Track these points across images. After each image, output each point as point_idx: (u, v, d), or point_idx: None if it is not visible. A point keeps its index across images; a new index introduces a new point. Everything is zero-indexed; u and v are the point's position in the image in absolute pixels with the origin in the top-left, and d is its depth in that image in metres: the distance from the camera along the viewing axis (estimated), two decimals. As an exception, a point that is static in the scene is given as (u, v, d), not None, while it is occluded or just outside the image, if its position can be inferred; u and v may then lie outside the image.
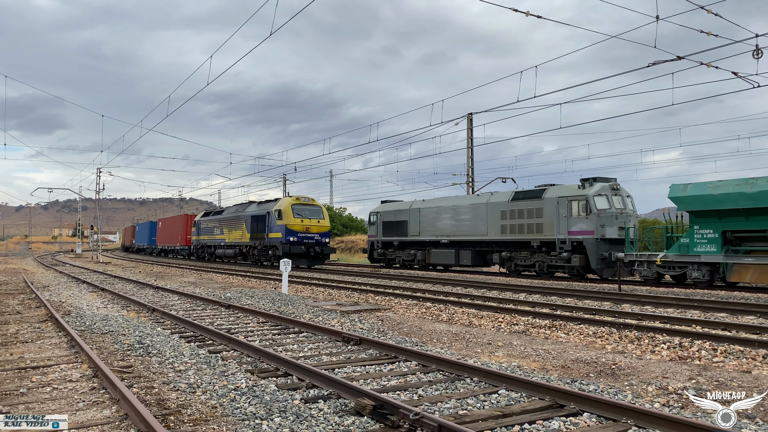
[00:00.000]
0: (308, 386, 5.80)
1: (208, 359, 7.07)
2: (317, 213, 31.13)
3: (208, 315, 11.69)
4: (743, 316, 11.09)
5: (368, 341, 8.02)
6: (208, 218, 40.90)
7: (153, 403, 5.19)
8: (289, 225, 29.37)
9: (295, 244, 29.28)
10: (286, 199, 31.53)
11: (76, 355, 7.43)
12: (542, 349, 8.06)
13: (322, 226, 30.71)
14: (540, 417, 4.79)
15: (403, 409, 4.57)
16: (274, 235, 30.43)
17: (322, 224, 30.75)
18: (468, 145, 27.02)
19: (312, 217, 30.58)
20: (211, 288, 18.45)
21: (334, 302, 14.01)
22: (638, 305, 12.94)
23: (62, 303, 13.82)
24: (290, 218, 29.63)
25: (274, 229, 30.35)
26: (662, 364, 7.04)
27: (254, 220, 32.79)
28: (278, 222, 29.99)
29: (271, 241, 30.73)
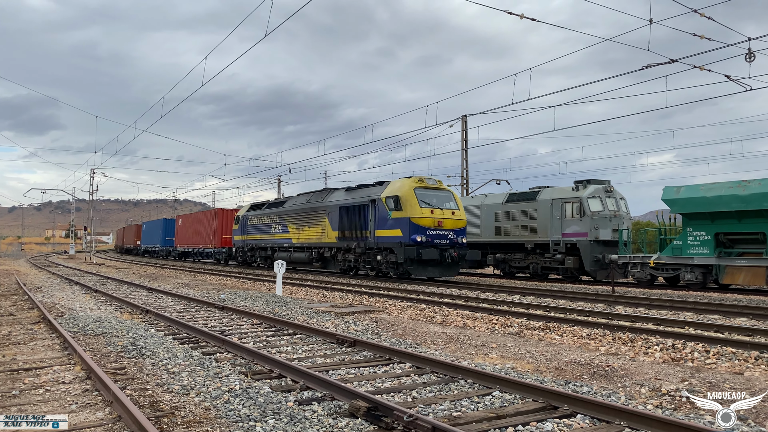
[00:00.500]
0: (302, 388, 5.80)
1: (202, 361, 7.05)
2: (448, 200, 21.75)
3: (201, 317, 11.66)
4: (736, 318, 11.14)
5: (362, 343, 8.02)
6: (261, 212, 31.53)
7: (146, 404, 5.18)
8: (414, 218, 20.23)
9: (425, 246, 20.03)
10: (404, 181, 21.55)
11: (69, 357, 7.40)
12: (536, 351, 8.08)
13: (457, 219, 21.32)
14: (534, 419, 4.80)
15: (397, 411, 4.57)
16: (386, 232, 21.21)
17: (457, 217, 21.35)
18: (462, 147, 27.08)
19: (443, 206, 21.28)
20: (205, 289, 18.40)
21: (328, 304, 14.00)
22: (632, 307, 12.99)
23: (55, 304, 13.75)
24: (415, 208, 20.37)
25: (385, 224, 21.18)
26: (655, 366, 7.07)
27: (346, 212, 23.64)
28: (394, 214, 20.78)
29: (380, 241, 21.52)
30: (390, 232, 20.98)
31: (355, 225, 22.75)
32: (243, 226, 33.47)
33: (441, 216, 20.83)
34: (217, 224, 38.73)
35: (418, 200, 20.67)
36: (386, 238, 21.14)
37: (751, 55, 13.21)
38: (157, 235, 56.14)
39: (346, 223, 23.38)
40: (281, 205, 29.86)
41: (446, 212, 21.03)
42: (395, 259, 20.63)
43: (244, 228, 33.32)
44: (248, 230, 32.70)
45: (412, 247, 19.97)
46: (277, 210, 29.68)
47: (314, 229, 25.90)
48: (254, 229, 32.03)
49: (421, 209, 20.46)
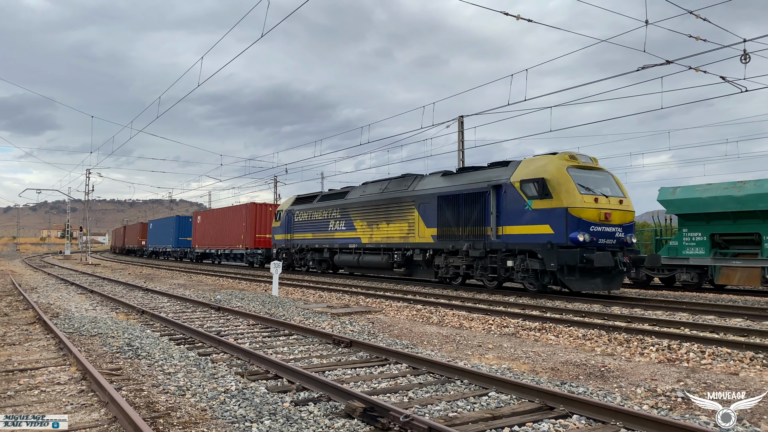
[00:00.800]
0: (298, 389, 5.79)
1: (198, 362, 7.04)
2: (609, 184, 15.94)
3: (197, 317, 11.64)
4: (731, 319, 11.18)
5: (359, 344, 8.02)
6: (313, 206, 26.17)
7: (142, 405, 5.16)
8: (573, 209, 14.63)
9: (590, 249, 14.47)
10: (549, 158, 15.82)
11: (64, 358, 7.37)
12: (532, 352, 8.09)
13: (626, 210, 15.63)
14: (530, 419, 4.81)
15: (393, 412, 4.57)
16: (522, 229, 15.67)
17: (626, 207, 15.66)
18: (459, 147, 27.10)
19: (605, 192, 15.47)
20: (201, 290, 18.37)
21: (324, 304, 13.99)
22: (627, 308, 13.02)
23: (50, 305, 13.71)
24: (573, 195, 14.76)
25: (521, 217, 15.69)
26: (651, 366, 7.09)
27: (449, 203, 17.81)
28: (538, 204, 15.23)
29: (509, 241, 15.96)
30: (529, 229, 15.40)
31: (466, 219, 17.14)
32: (287, 223, 27.97)
33: (607, 206, 15.00)
34: (250, 221, 33.18)
35: (575, 184, 14.85)
36: (523, 237, 15.60)
37: (747, 56, 13.25)
38: (168, 234, 50.48)
39: (449, 217, 17.78)
40: (342, 197, 24.25)
41: (613, 201, 15.26)
42: (539, 267, 15.09)
43: (288, 225, 27.84)
44: (295, 228, 27.31)
45: (571, 251, 14.29)
46: (338, 202, 24.22)
47: (396, 225, 20.24)
48: (304, 227, 26.66)
49: (582, 197, 14.69)
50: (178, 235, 47.82)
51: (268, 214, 33.24)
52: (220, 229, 38.30)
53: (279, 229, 29.04)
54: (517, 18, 13.33)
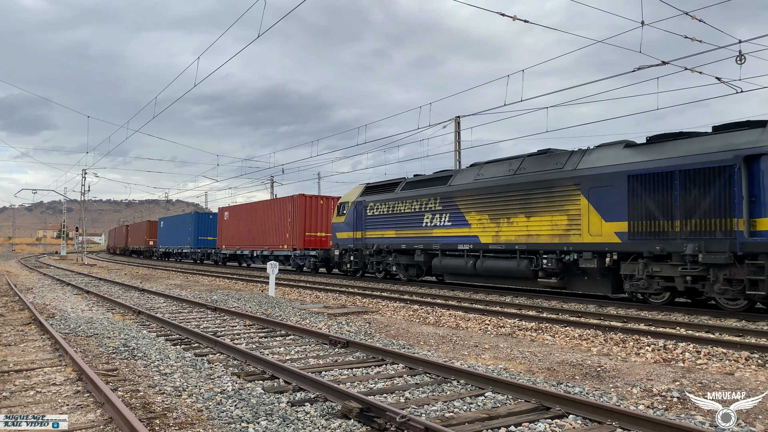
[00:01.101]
0: (295, 389, 5.79)
1: (194, 362, 7.03)
2: None
3: (194, 318, 11.62)
4: (726, 319, 11.21)
5: (355, 344, 8.02)
6: (397, 194, 20.58)
7: (138, 406, 5.16)
8: None
9: None
10: None
11: (60, 359, 7.36)
12: (528, 352, 8.11)
13: None
14: (526, 419, 4.82)
15: (389, 412, 4.57)
16: None
17: None
18: (456, 148, 27.11)
19: None
20: (198, 290, 18.35)
21: (321, 305, 13.98)
22: (623, 308, 13.04)
23: (46, 305, 13.67)
24: None
25: None
26: (647, 366, 7.10)
27: (659, 182, 12.64)
28: None
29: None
30: None
31: (689, 209, 12.06)
32: (355, 218, 22.72)
33: None
34: (298, 216, 28.12)
35: None
36: None
37: (742, 57, 13.30)
38: (184, 233, 44.89)
39: (650, 205, 12.72)
40: (443, 182, 18.63)
41: None
42: None
43: (357, 220, 22.62)
44: (369, 223, 21.94)
45: None
46: (436, 190, 18.64)
47: (544, 218, 15.06)
48: (383, 222, 21.25)
49: None
50: (197, 234, 42.61)
51: (319, 209, 28.79)
52: (256, 226, 32.96)
53: (343, 226, 23.62)
54: (514, 19, 13.35)
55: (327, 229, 27.64)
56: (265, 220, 31.99)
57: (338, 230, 24.24)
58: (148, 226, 57.77)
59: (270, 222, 31.22)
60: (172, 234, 48.67)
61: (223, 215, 38.27)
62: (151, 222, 59.13)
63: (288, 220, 29.12)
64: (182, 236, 45.40)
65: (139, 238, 59.99)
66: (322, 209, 28.92)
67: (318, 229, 28.64)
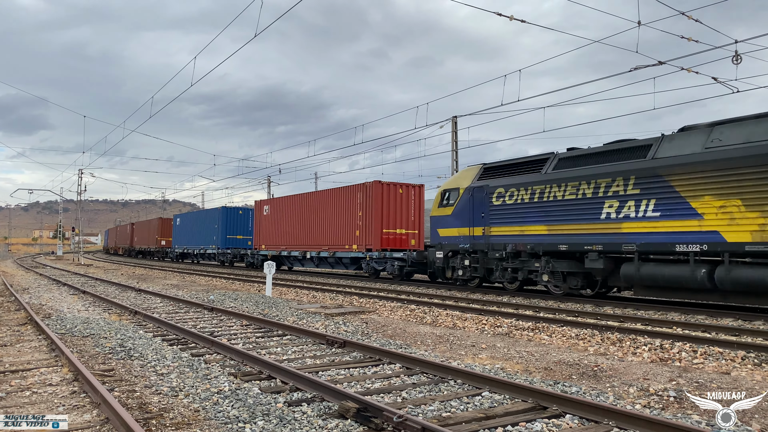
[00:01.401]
0: (292, 389, 5.79)
1: (191, 362, 7.02)
2: None
3: (191, 318, 11.60)
4: (722, 318, 11.24)
5: (352, 344, 8.01)
6: (546, 175, 15.32)
7: (134, 406, 5.14)
8: None
9: None
10: None
11: (56, 359, 7.34)
12: (525, 351, 8.11)
13: None
14: (523, 419, 4.82)
15: (386, 412, 4.57)
16: None
17: None
18: (452, 147, 27.14)
19: None
20: (194, 291, 18.32)
21: (318, 305, 13.98)
22: (620, 307, 13.07)
23: (42, 306, 13.64)
24: None
25: None
26: (643, 366, 7.12)
27: None
28: None
29: None
30: None
31: None
32: (474, 209, 17.23)
33: None
34: (373, 209, 22.63)
35: None
36: None
37: (738, 57, 13.34)
38: (208, 231, 39.53)
39: None
40: (639, 154, 13.30)
41: None
42: None
43: (477, 212, 17.13)
44: (495, 216, 16.61)
45: None
46: (627, 166, 13.36)
47: None
48: (522, 214, 15.97)
49: None
50: (225, 233, 37.48)
51: (398, 199, 23.32)
52: (309, 222, 27.51)
53: (449, 220, 18.10)
54: (511, 19, 13.37)
55: (408, 225, 23.36)
56: (322, 215, 26.61)
57: (441, 225, 18.54)
58: (159, 224, 52.85)
59: (330, 217, 25.91)
60: (191, 232, 43.23)
61: (262, 210, 32.45)
62: (163, 219, 54.41)
63: (358, 214, 23.78)
64: (205, 235, 40.10)
65: (148, 238, 55.56)
66: (402, 200, 23.48)
67: (398, 225, 23.30)
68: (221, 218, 37.73)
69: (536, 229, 15.52)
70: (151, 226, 55.71)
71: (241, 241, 37.08)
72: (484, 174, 17.48)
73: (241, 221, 37.78)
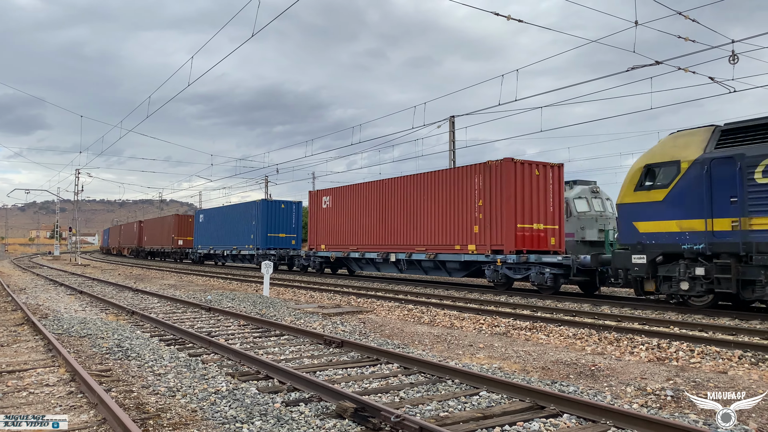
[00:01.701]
0: (289, 389, 5.78)
1: (188, 362, 7.00)
2: None
3: (188, 318, 11.58)
4: (719, 318, 11.26)
5: (350, 344, 8.01)
6: None
7: (132, 407, 5.13)
8: None
9: None
10: None
11: (53, 359, 7.32)
12: (523, 351, 8.12)
13: None
14: (520, 418, 4.82)
15: (384, 412, 4.57)
16: None
17: None
18: (450, 147, 27.14)
19: None
20: (192, 291, 18.29)
21: (315, 305, 13.96)
22: (617, 307, 13.08)
23: (39, 306, 13.60)
24: None
25: None
26: (641, 365, 7.13)
27: None
28: None
29: None
30: None
31: None
32: (710, 191, 11.85)
33: None
34: (503, 197, 17.48)
35: None
36: None
37: (735, 57, 13.36)
38: (243, 229, 33.93)
39: None
40: None
41: None
42: None
43: (716, 196, 11.81)
44: (758, 201, 11.21)
45: None
46: None
47: None
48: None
49: None
50: (266, 230, 31.85)
51: (536, 184, 17.99)
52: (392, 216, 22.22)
53: (659, 209, 12.76)
54: (508, 18, 13.37)
55: (547, 218, 18.03)
56: (414, 207, 21.10)
57: (642, 217, 13.21)
58: (176, 221, 46.79)
59: (428, 209, 20.42)
60: (219, 230, 37.49)
61: (321, 202, 26.80)
62: (180, 216, 48.70)
63: (477, 204, 18.37)
64: (239, 233, 34.38)
65: (161, 237, 49.74)
66: (538, 185, 18.03)
67: (534, 219, 17.90)
68: (261, 213, 31.82)
69: None
70: (165, 225, 49.68)
71: (284, 240, 32.36)
72: (724, 139, 11.97)
73: (283, 217, 32.62)
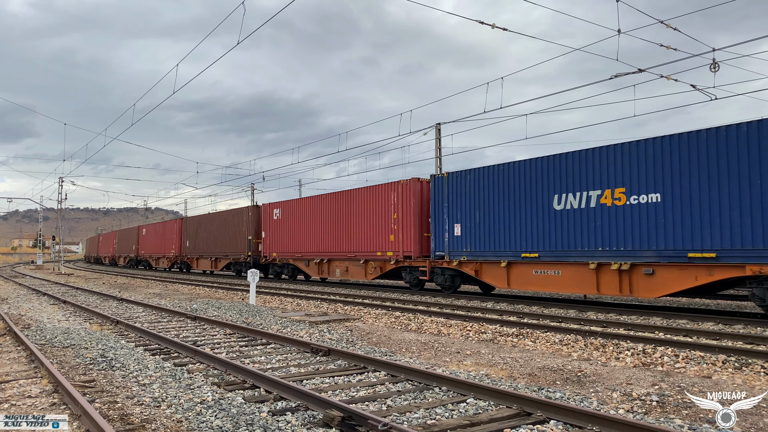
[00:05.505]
0: (276, 398, 5.74)
1: (174, 372, 6.94)
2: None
3: (173, 327, 11.48)
4: (703, 322, 11.37)
5: (337, 352, 7.98)
6: None
7: (116, 418, 5.07)
8: None
9: None
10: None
11: (35, 370, 7.22)
12: (510, 357, 8.13)
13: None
14: (507, 425, 4.83)
15: (371, 420, 4.55)
16: None
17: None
18: (437, 154, 27.21)
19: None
20: (177, 299, 18.13)
21: (302, 313, 13.90)
22: (603, 313, 13.16)
23: (21, 316, 13.41)
24: None
25: None
26: (626, 371, 7.17)
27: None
28: None
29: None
30: None
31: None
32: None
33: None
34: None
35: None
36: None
37: (716, 65, 13.56)
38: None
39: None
40: None
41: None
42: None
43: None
44: None
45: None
46: None
47: None
48: None
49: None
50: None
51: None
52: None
53: None
54: (492, 27, 13.46)
55: None
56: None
57: None
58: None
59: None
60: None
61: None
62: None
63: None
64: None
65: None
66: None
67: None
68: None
69: None
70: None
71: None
72: None
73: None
